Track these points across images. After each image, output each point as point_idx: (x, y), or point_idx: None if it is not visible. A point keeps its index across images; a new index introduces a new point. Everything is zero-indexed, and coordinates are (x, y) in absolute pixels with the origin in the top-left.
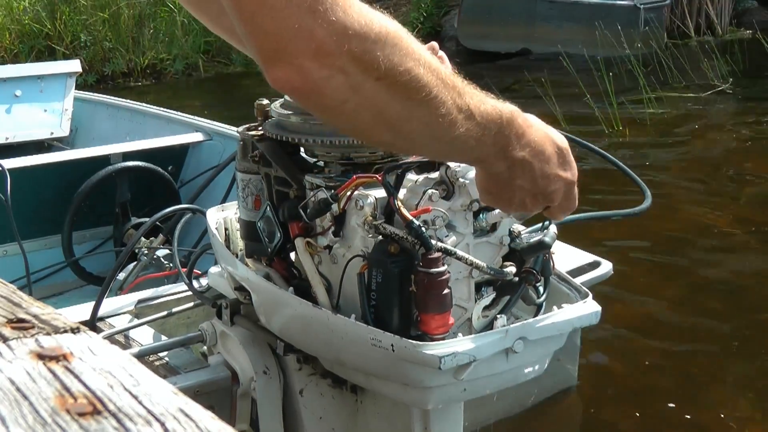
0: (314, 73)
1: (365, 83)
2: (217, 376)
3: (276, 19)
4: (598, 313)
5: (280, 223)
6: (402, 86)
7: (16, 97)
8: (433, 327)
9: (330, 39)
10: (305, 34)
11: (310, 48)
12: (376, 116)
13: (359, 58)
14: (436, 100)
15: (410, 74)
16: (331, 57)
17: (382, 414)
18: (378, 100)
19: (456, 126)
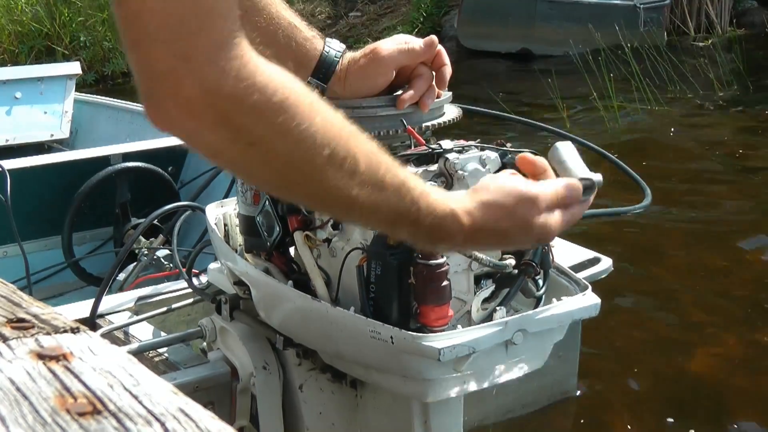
0: (180, 123)
1: (234, 146)
2: (216, 372)
3: (149, 59)
4: (597, 305)
5: (278, 217)
6: (277, 161)
7: (16, 99)
8: (432, 319)
9: (197, 95)
10: (173, 82)
11: (176, 97)
12: (248, 175)
13: (228, 122)
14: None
15: (289, 150)
16: (197, 113)
17: (381, 408)
18: (247, 163)
19: (356, 204)
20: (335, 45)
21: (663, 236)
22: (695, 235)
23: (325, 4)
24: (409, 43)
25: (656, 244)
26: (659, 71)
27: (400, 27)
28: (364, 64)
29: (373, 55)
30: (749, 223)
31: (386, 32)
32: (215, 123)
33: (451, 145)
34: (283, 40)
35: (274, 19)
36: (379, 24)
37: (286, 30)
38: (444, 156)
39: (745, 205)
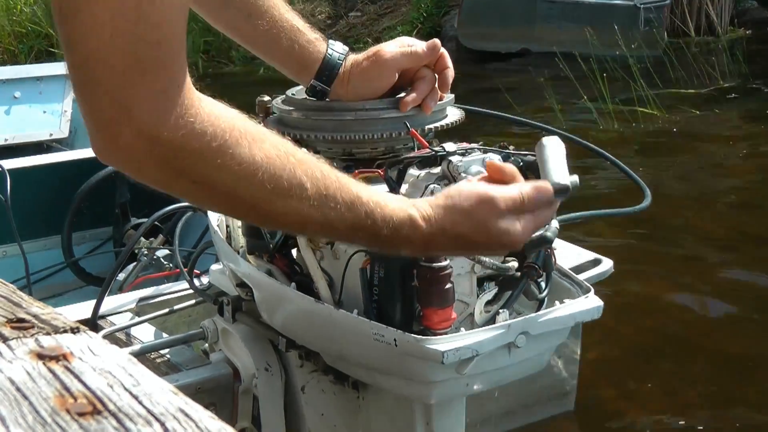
0: (123, 165)
1: (176, 184)
2: (218, 373)
3: (92, 105)
4: (600, 307)
5: None
6: (221, 196)
7: (15, 98)
8: (435, 322)
9: (137, 143)
10: (113, 131)
11: (116, 145)
12: (201, 204)
13: (169, 165)
14: (272, 209)
15: (230, 191)
16: (138, 158)
17: (384, 410)
18: (195, 198)
19: (309, 224)
20: (338, 47)
21: (663, 237)
22: (696, 236)
23: (324, 4)
24: (412, 46)
25: (657, 245)
26: (659, 71)
27: (400, 27)
28: (366, 66)
29: (376, 57)
30: (750, 223)
31: (386, 32)
32: (156, 166)
33: (454, 147)
34: (286, 43)
35: (277, 22)
36: (379, 24)
37: (289, 33)
38: (447, 158)
39: (746, 206)
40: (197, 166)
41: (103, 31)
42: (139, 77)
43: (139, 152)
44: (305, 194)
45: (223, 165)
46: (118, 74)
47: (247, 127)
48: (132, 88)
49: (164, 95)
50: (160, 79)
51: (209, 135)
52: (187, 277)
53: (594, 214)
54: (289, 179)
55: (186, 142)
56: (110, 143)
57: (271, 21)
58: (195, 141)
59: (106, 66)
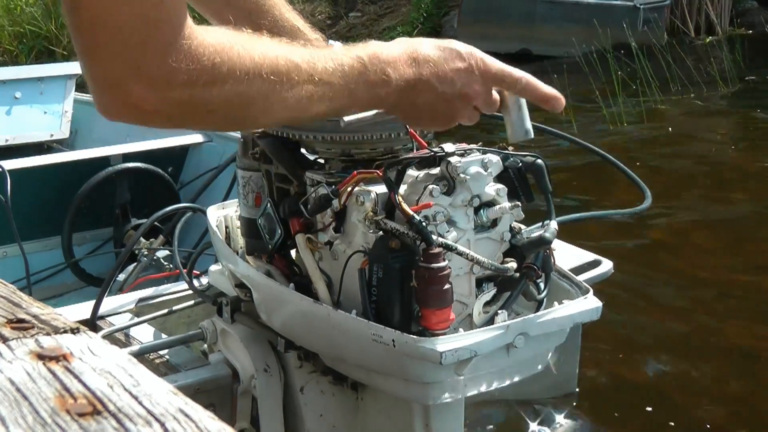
0: (132, 118)
1: (192, 119)
2: (217, 374)
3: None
4: (599, 308)
5: (280, 220)
6: (234, 110)
7: (16, 99)
8: (434, 322)
9: (150, 96)
10: (124, 90)
11: (127, 103)
12: (216, 126)
13: (183, 106)
14: (276, 101)
15: (243, 98)
16: (150, 110)
17: (382, 411)
18: (209, 124)
19: (312, 103)
20: (338, 48)
21: (664, 238)
22: (697, 237)
23: (325, 4)
24: None
25: (657, 246)
26: (659, 72)
27: (400, 27)
28: None
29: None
30: (751, 223)
31: (386, 32)
32: (170, 114)
33: (453, 148)
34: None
35: (278, 22)
36: (379, 24)
37: (289, 33)
38: (446, 159)
39: (746, 206)
40: (210, 98)
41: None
42: (147, 36)
43: (152, 104)
44: (302, 77)
45: (234, 82)
46: (126, 35)
47: (239, 40)
48: (140, 47)
49: (171, 49)
50: (167, 35)
51: (217, 65)
52: (186, 278)
53: (594, 215)
54: (286, 63)
55: (195, 84)
56: (121, 101)
57: (272, 21)
58: (204, 77)
59: (113, 28)
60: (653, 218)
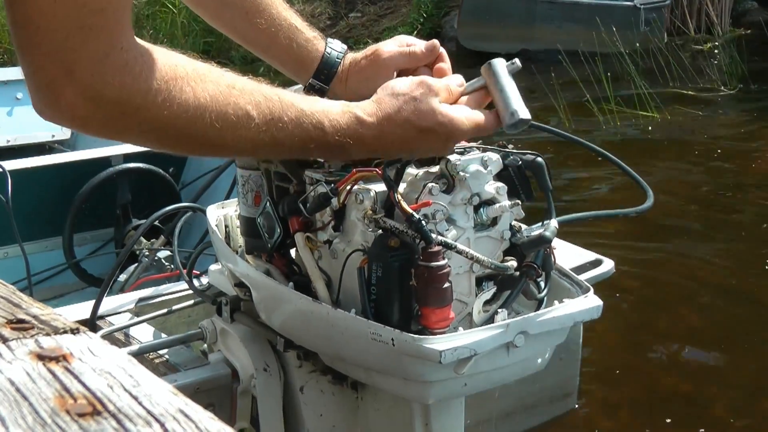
0: (65, 122)
1: (122, 133)
2: (217, 374)
3: (34, 66)
4: (599, 307)
5: (279, 219)
6: (166, 136)
7: (18, 99)
8: (433, 321)
9: (80, 102)
10: (55, 91)
11: (57, 105)
12: (154, 147)
13: (114, 121)
14: (222, 143)
15: (180, 131)
16: (79, 116)
17: (382, 410)
18: (146, 144)
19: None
20: (336, 46)
21: (665, 238)
22: (698, 236)
23: (325, 4)
24: (411, 46)
25: (658, 246)
26: (660, 72)
27: (400, 28)
28: (365, 65)
29: (374, 57)
30: (752, 223)
31: (386, 33)
32: (101, 123)
33: None
34: (284, 41)
35: (275, 20)
36: (379, 25)
37: (287, 32)
38: (445, 157)
39: (747, 206)
40: (144, 119)
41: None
42: (81, 42)
43: (82, 111)
44: (253, 123)
45: (171, 115)
46: (60, 38)
47: (188, 70)
48: (74, 52)
49: (107, 58)
50: (103, 44)
51: (153, 90)
52: (185, 278)
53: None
54: (236, 112)
55: (130, 99)
56: (52, 103)
57: (269, 20)
58: (138, 98)
59: (48, 30)
60: (655, 218)
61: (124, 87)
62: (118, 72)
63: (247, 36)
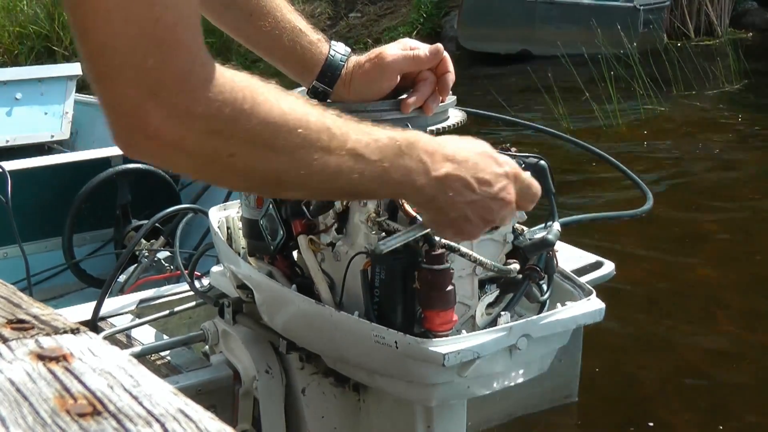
0: (151, 152)
1: (214, 162)
2: (219, 376)
3: (114, 94)
4: (602, 310)
5: (282, 221)
6: (257, 159)
7: (17, 99)
8: (436, 324)
9: (168, 124)
10: (140, 117)
11: (144, 131)
12: (236, 185)
13: (204, 141)
14: (304, 161)
15: (267, 145)
16: (168, 141)
17: (384, 412)
18: (232, 175)
19: (342, 173)
20: (340, 49)
21: (665, 240)
22: (698, 238)
23: (325, 4)
24: (414, 50)
25: (659, 248)
26: (659, 72)
27: (400, 28)
28: (369, 68)
29: (378, 60)
30: (753, 224)
31: (386, 33)
32: (193, 146)
33: None
34: (288, 44)
35: (279, 22)
36: (379, 25)
37: (291, 34)
38: None
39: (748, 207)
40: (233, 134)
41: (115, 17)
42: (161, 60)
43: (171, 134)
44: (333, 143)
45: (264, 117)
46: (139, 60)
47: (266, 86)
48: (156, 71)
49: (190, 74)
50: (183, 60)
51: (239, 99)
52: (187, 279)
53: (596, 217)
54: (317, 127)
55: (219, 114)
56: (138, 132)
57: (274, 21)
58: (228, 108)
59: (125, 52)
60: (655, 220)
61: (210, 103)
62: (202, 88)
63: (250, 37)
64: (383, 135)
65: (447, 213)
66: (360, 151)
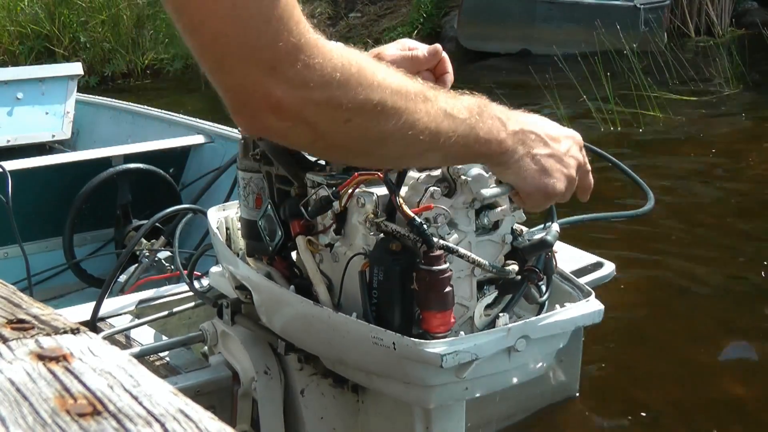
0: (275, 125)
1: (331, 128)
2: (218, 376)
3: (235, 77)
4: (601, 311)
5: (281, 222)
6: (372, 120)
7: (18, 99)
8: (434, 325)
9: (288, 94)
10: (263, 93)
11: (269, 104)
12: (350, 151)
13: (322, 106)
14: (408, 121)
15: (379, 107)
16: (292, 112)
17: (383, 414)
18: (348, 140)
19: (439, 134)
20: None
21: (666, 240)
22: (699, 239)
23: (325, 4)
24: (413, 50)
25: (659, 248)
26: (660, 72)
27: (400, 28)
28: None
29: (377, 60)
30: (754, 224)
31: (386, 33)
32: (312, 114)
33: None
34: None
35: None
36: (379, 25)
37: None
38: None
39: (748, 207)
40: (348, 98)
41: (222, 6)
42: (273, 37)
43: (294, 105)
44: (430, 105)
45: (370, 83)
46: (253, 40)
47: (361, 54)
48: (270, 49)
49: (300, 45)
50: (292, 32)
51: (347, 65)
52: (186, 280)
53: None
54: (415, 91)
55: (333, 77)
56: (263, 109)
57: None
58: (338, 74)
59: (238, 36)
60: (655, 220)
61: (323, 69)
62: (312, 56)
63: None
64: (462, 97)
65: (528, 168)
66: (450, 111)
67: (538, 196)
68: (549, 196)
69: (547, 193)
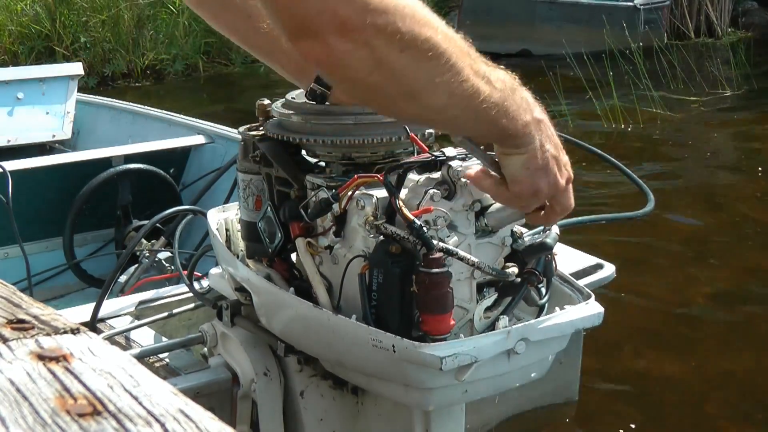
0: (339, 47)
1: (389, 55)
2: (217, 378)
3: (299, 5)
4: (600, 314)
5: (281, 224)
6: (424, 56)
7: (18, 99)
8: (434, 327)
9: (353, 15)
10: (329, 12)
11: (334, 24)
12: (401, 87)
13: (382, 31)
14: (456, 68)
15: (430, 43)
16: (355, 32)
17: (383, 416)
18: (402, 71)
19: (478, 94)
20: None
21: (666, 241)
22: (699, 240)
23: None
24: None
25: (660, 250)
26: (660, 72)
27: None
28: None
29: None
30: (754, 225)
31: None
32: (372, 35)
33: (453, 152)
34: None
35: None
36: None
37: None
38: (447, 163)
39: (750, 209)
40: (408, 28)
41: None
42: None
43: (357, 25)
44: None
45: (423, 20)
46: None
47: None
48: None
49: None
50: None
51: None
52: (186, 281)
53: (596, 219)
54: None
55: (390, 3)
56: (327, 28)
57: None
58: (392, 4)
59: None
60: (656, 221)
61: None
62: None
63: (248, 39)
64: (498, 69)
65: (534, 159)
66: (488, 76)
67: (528, 190)
68: (536, 194)
69: (537, 191)
